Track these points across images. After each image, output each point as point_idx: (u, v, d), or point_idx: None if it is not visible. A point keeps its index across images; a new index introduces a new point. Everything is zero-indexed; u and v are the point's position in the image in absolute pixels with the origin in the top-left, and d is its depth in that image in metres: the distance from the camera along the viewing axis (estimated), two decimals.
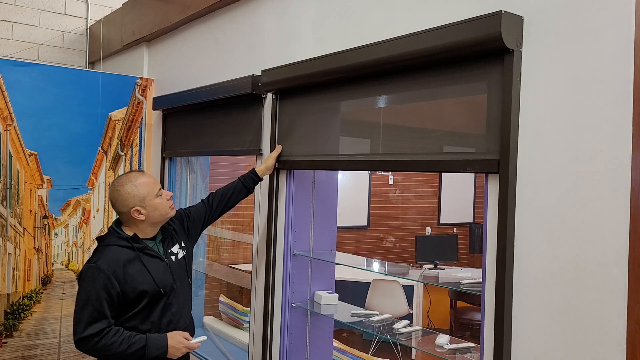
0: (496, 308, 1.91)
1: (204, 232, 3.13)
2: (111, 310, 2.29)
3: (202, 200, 2.90)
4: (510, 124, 1.87)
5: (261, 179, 2.97)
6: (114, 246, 2.38)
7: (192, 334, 2.63)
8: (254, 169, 2.97)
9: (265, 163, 2.98)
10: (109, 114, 4.32)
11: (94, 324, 2.24)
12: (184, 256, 2.60)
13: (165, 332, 2.40)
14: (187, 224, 2.75)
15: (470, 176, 8.10)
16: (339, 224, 3.32)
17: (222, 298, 4.99)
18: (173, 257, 2.53)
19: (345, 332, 6.09)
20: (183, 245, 2.63)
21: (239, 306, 4.74)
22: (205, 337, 2.48)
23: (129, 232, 2.44)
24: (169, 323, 2.43)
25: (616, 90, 1.63)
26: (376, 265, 3.43)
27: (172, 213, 2.53)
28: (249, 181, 2.94)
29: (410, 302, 5.75)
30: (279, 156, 2.99)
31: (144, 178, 2.47)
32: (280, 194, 3.04)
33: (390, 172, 7.62)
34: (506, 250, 1.87)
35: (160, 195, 2.46)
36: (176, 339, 2.38)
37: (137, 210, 2.41)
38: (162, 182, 4.30)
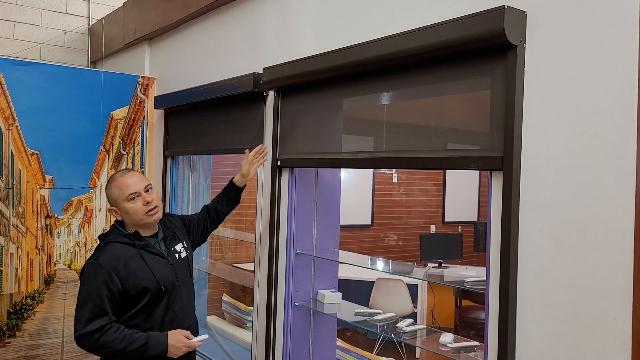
0: (500, 306, 1.89)
1: None
2: (112, 307, 2.28)
3: (196, 214, 2.93)
4: (514, 121, 1.85)
5: (240, 188, 2.95)
6: (115, 243, 2.39)
7: (196, 334, 2.62)
8: (232, 179, 2.96)
9: (240, 171, 2.94)
10: (111, 112, 4.31)
11: (94, 321, 2.24)
12: (187, 255, 2.60)
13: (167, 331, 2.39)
14: (189, 226, 2.79)
15: (475, 174, 8.06)
16: (342, 222, 3.31)
17: (225, 297, 4.98)
18: (177, 255, 2.53)
19: (349, 331, 6.08)
20: (186, 245, 2.63)
21: (242, 305, 4.73)
22: (207, 336, 2.47)
23: (130, 230, 2.44)
24: (172, 322, 2.42)
25: (621, 86, 1.61)
26: (380, 263, 3.41)
27: (149, 219, 2.43)
28: (231, 193, 2.95)
29: (414, 300, 5.73)
30: (279, 153, 2.98)
31: (120, 179, 2.44)
32: (283, 193, 3.03)
33: (394, 170, 7.59)
34: (510, 248, 1.85)
35: (133, 199, 2.40)
36: (176, 338, 2.35)
37: (114, 210, 2.44)
38: (164, 181, 4.29)
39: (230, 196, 2.95)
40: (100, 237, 2.49)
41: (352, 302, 3.22)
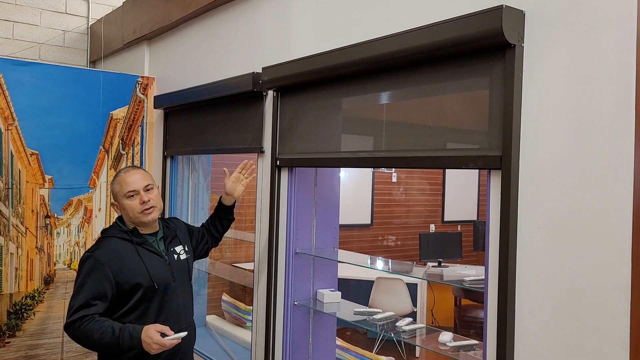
0: (499, 305, 1.89)
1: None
2: (102, 301, 2.30)
3: (198, 227, 2.95)
4: (512, 120, 1.85)
5: (231, 206, 2.96)
6: (113, 238, 2.43)
7: (194, 340, 2.61)
8: (220, 198, 2.97)
9: (225, 191, 2.93)
10: (110, 112, 4.31)
11: (79, 311, 2.26)
12: (186, 259, 2.60)
13: None
14: (193, 233, 2.82)
15: (474, 173, 8.07)
16: (341, 222, 3.31)
17: (225, 297, 4.98)
18: (175, 256, 2.54)
19: (349, 331, 6.08)
20: (187, 249, 2.63)
21: (241, 305, 4.73)
22: (185, 333, 2.32)
23: (129, 226, 2.47)
24: (166, 321, 2.39)
25: (619, 85, 1.61)
26: (380, 263, 3.41)
27: (144, 218, 2.44)
28: (223, 213, 2.95)
29: (414, 300, 5.74)
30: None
31: (123, 175, 2.48)
32: (282, 192, 3.03)
33: (393, 170, 7.59)
34: (509, 247, 1.86)
35: (131, 197, 2.43)
36: (147, 334, 2.23)
37: (115, 205, 2.50)
38: (163, 181, 4.30)
39: (223, 215, 2.96)
40: (102, 231, 2.54)
41: (351, 302, 3.22)
